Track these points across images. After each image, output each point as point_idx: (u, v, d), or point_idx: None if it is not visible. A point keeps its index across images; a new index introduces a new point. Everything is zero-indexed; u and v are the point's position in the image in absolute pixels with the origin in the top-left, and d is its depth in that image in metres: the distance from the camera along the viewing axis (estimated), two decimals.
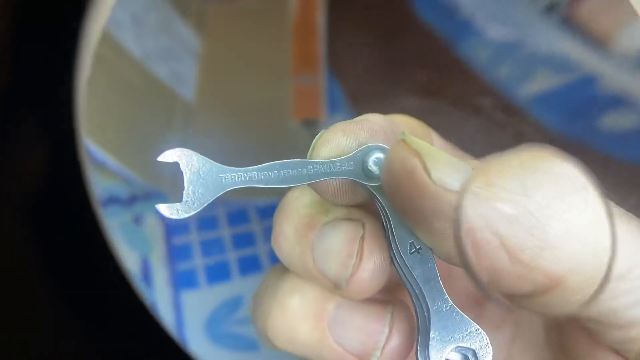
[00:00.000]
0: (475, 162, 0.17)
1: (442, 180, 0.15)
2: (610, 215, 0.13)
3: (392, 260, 0.17)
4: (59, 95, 0.29)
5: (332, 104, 0.37)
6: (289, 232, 0.17)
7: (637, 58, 0.27)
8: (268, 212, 0.38)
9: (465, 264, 0.13)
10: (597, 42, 0.28)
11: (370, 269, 0.16)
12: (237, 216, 0.38)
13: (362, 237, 0.17)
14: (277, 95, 0.38)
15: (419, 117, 0.20)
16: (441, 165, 0.15)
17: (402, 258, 0.16)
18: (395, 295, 0.19)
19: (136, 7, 0.38)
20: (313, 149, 0.17)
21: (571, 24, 0.30)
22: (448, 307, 0.16)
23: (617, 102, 0.28)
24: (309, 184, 0.17)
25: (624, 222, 0.15)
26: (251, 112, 0.38)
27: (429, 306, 0.16)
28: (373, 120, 0.17)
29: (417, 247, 0.16)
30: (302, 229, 0.17)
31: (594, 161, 0.13)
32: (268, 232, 0.36)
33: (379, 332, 0.17)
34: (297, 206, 0.18)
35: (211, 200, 0.16)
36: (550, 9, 0.30)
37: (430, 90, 0.32)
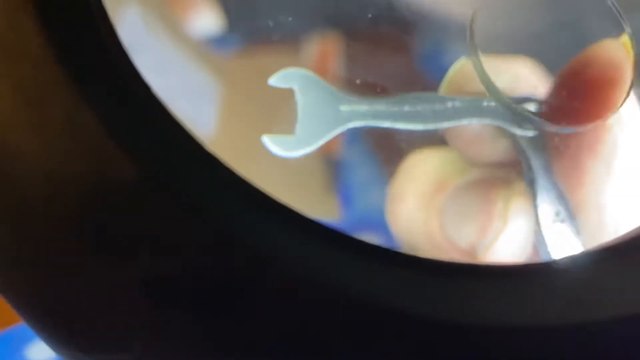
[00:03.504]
0: None
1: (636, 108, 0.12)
2: None
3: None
4: None
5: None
6: (411, 197, 0.14)
7: None
8: None
9: None
10: None
11: (515, 234, 0.13)
12: None
13: (508, 198, 0.13)
14: None
15: None
16: None
17: (541, 227, 0.13)
18: None
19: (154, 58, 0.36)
20: (449, 82, 0.13)
21: None
22: None
23: None
24: (442, 130, 0.13)
25: None
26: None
27: None
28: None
29: (562, 218, 0.13)
30: (429, 192, 0.14)
31: None
32: None
33: None
34: (424, 168, 0.14)
35: (328, 138, 0.12)
36: None
37: None
